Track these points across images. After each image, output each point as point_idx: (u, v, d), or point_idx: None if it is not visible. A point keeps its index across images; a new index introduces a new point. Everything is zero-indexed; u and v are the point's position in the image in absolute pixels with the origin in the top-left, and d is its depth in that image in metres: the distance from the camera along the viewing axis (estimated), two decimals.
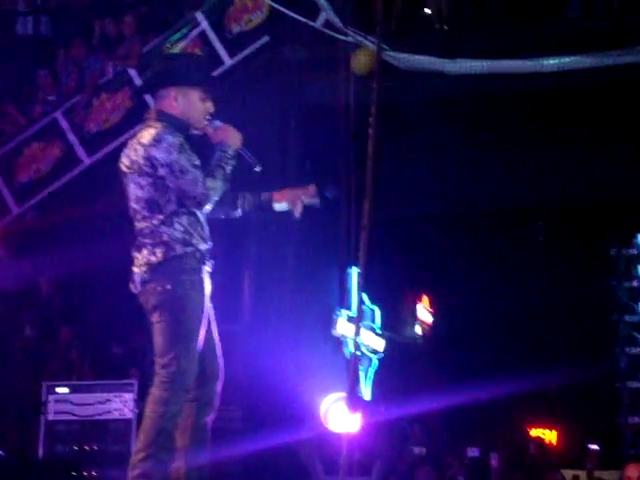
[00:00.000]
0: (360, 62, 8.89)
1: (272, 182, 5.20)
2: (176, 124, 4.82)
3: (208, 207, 4.80)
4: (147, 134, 4.76)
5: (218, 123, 4.88)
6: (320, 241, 9.30)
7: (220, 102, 4.86)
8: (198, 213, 4.86)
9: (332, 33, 8.88)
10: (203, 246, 4.85)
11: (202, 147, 4.79)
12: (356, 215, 8.37)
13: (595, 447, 9.89)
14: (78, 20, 11.13)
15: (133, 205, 4.84)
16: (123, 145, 4.88)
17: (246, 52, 9.52)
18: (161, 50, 9.73)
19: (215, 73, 9.27)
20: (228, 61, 9.52)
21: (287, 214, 5.06)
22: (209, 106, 4.90)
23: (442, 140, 10.19)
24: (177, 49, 9.60)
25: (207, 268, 4.87)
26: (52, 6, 11.64)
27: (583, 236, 10.99)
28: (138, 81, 9.73)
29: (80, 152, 9.86)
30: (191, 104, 4.88)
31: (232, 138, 4.88)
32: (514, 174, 10.09)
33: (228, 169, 4.81)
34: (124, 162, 4.83)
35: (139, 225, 4.84)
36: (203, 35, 9.66)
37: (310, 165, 9.58)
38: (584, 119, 9.19)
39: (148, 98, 9.43)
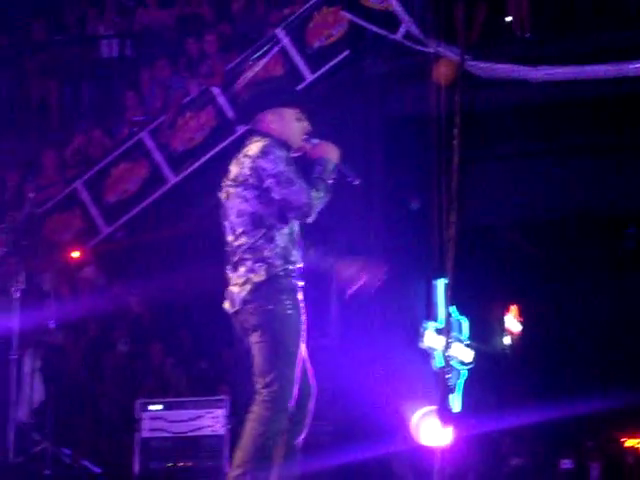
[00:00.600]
0: (442, 73, 8.86)
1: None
2: (278, 142, 4.89)
3: (311, 219, 4.85)
4: (254, 147, 4.84)
5: (316, 140, 4.94)
6: (406, 253, 9.27)
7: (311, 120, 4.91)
8: (295, 230, 4.90)
9: (413, 44, 8.87)
10: (298, 264, 4.89)
11: (302, 168, 4.85)
12: (442, 226, 8.33)
13: None
14: (162, 40, 11.32)
15: (234, 220, 4.89)
16: (208, 163, 4.97)
17: (327, 67, 9.56)
18: (243, 68, 9.82)
19: (297, 88, 9.36)
20: (309, 77, 9.57)
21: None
22: (305, 125, 4.96)
23: (527, 147, 10.11)
24: (259, 66, 9.69)
25: (300, 284, 4.92)
26: (136, 28, 11.85)
27: None
28: (222, 99, 9.83)
29: (166, 171, 9.99)
30: (287, 123, 4.96)
31: (330, 153, 4.93)
32: (603, 180, 9.94)
33: (329, 182, 4.86)
34: (228, 177, 4.90)
35: (238, 242, 4.89)
36: (284, 51, 9.73)
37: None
38: None
39: (232, 117, 9.67)
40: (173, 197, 9.94)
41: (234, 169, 4.88)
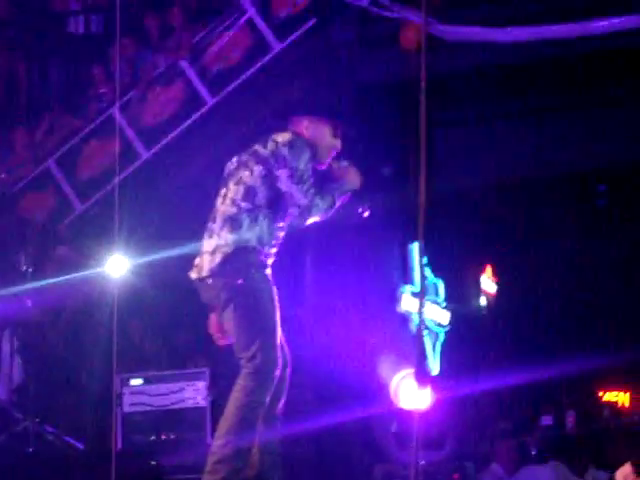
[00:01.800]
0: (409, 37, 8.86)
1: None
2: (307, 143, 4.98)
3: (305, 222, 4.95)
4: (285, 135, 4.99)
5: (345, 163, 5.06)
6: (380, 219, 9.30)
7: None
8: (280, 227, 4.97)
9: (378, 10, 8.87)
10: (269, 258, 4.97)
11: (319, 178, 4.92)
12: (416, 191, 8.36)
13: None
14: (127, 15, 11.23)
15: (230, 187, 4.96)
16: (179, 137, 5.06)
17: (294, 36, 9.54)
18: (210, 40, 9.78)
19: (265, 59, 9.36)
20: (277, 46, 9.54)
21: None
22: (337, 144, 5.08)
23: (498, 109, 10.15)
24: (225, 38, 9.66)
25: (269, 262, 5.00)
26: (102, 4, 11.76)
27: None
28: (191, 72, 9.80)
29: (138, 146, 9.96)
30: (321, 135, 5.07)
31: (353, 179, 5.09)
32: (571, 139, 10.00)
33: (338, 202, 4.97)
34: (250, 152, 4.98)
35: (222, 207, 4.96)
36: (251, 22, 9.69)
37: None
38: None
39: (201, 90, 9.65)
40: (146, 173, 9.92)
41: (256, 146, 4.97)
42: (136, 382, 7.38)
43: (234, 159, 5.06)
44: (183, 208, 8.66)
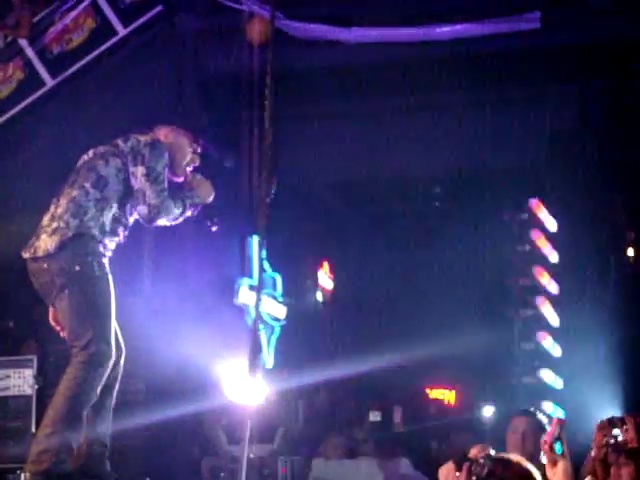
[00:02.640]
0: (256, 31, 8.87)
1: None
2: (168, 150, 5.00)
3: (153, 223, 4.95)
4: (146, 137, 4.95)
5: (199, 176, 5.12)
6: (220, 210, 9.28)
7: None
8: (125, 224, 4.94)
9: (225, 1, 8.84)
10: (108, 250, 4.93)
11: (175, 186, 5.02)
12: (256, 184, 8.38)
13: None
14: None
15: (83, 173, 4.90)
16: (16, 117, 4.97)
17: (140, 22, 9.40)
18: (52, 20, 9.53)
19: (108, 43, 9.20)
20: (122, 31, 9.37)
21: None
22: (196, 159, 5.11)
23: (342, 108, 10.27)
24: (68, 19, 9.43)
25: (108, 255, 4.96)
26: None
27: (479, 201, 11.18)
28: (30, 52, 9.53)
29: None
30: (179, 146, 5.11)
31: (206, 192, 5.15)
32: (411, 142, 10.21)
33: (187, 212, 5.01)
34: (111, 144, 4.95)
35: (70, 190, 4.87)
36: (95, 4, 9.49)
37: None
38: (476, 85, 9.36)
39: (41, 70, 9.40)
40: None
41: (120, 140, 4.95)
42: None
43: (90, 151, 5.04)
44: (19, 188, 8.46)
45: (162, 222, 5.03)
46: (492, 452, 4.09)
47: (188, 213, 5.10)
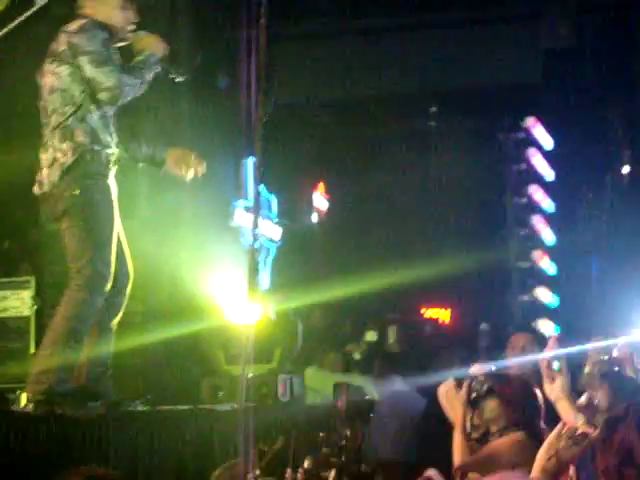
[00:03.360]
0: None
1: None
2: (99, 24, 4.82)
3: (120, 102, 4.82)
4: (74, 24, 4.79)
5: (142, 33, 4.93)
6: (215, 132, 9.21)
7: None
8: (108, 115, 4.84)
9: None
10: (110, 149, 4.85)
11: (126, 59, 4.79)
12: (251, 104, 8.28)
13: None
14: None
15: (46, 97, 4.83)
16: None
17: None
18: None
19: None
20: None
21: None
22: (131, 15, 4.92)
23: (337, 26, 10.15)
24: None
25: (112, 172, 4.90)
26: None
27: (475, 121, 11.13)
28: None
29: None
30: (109, 9, 4.91)
31: (155, 47, 4.97)
32: (408, 61, 10.11)
33: (147, 74, 4.85)
34: (48, 55, 4.82)
35: (48, 120, 4.82)
36: None
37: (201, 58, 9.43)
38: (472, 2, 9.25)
39: None
40: None
41: (52, 45, 4.81)
42: None
43: (42, 69, 4.91)
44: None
45: (130, 97, 4.91)
46: (493, 368, 4.13)
47: (151, 75, 4.94)
